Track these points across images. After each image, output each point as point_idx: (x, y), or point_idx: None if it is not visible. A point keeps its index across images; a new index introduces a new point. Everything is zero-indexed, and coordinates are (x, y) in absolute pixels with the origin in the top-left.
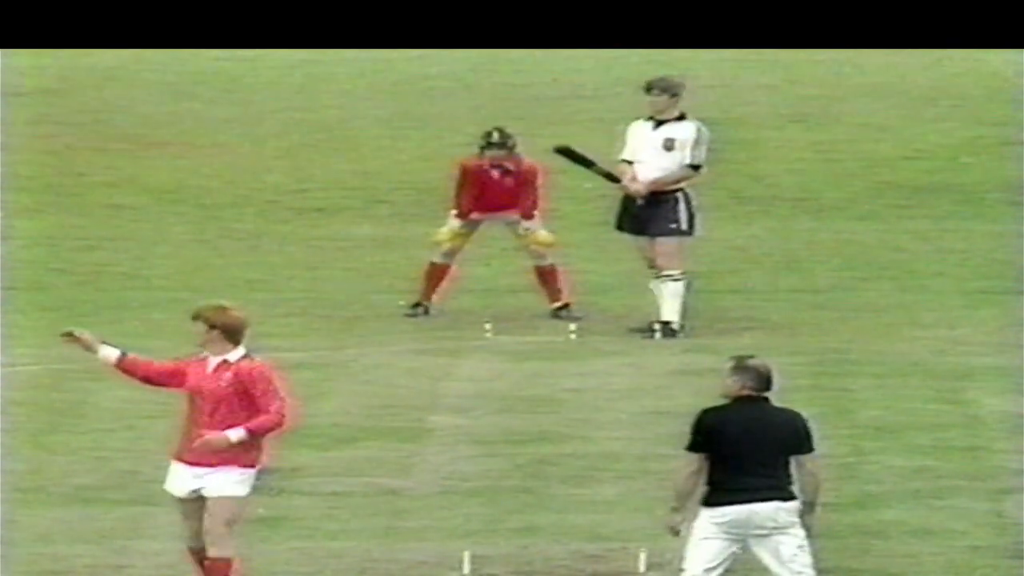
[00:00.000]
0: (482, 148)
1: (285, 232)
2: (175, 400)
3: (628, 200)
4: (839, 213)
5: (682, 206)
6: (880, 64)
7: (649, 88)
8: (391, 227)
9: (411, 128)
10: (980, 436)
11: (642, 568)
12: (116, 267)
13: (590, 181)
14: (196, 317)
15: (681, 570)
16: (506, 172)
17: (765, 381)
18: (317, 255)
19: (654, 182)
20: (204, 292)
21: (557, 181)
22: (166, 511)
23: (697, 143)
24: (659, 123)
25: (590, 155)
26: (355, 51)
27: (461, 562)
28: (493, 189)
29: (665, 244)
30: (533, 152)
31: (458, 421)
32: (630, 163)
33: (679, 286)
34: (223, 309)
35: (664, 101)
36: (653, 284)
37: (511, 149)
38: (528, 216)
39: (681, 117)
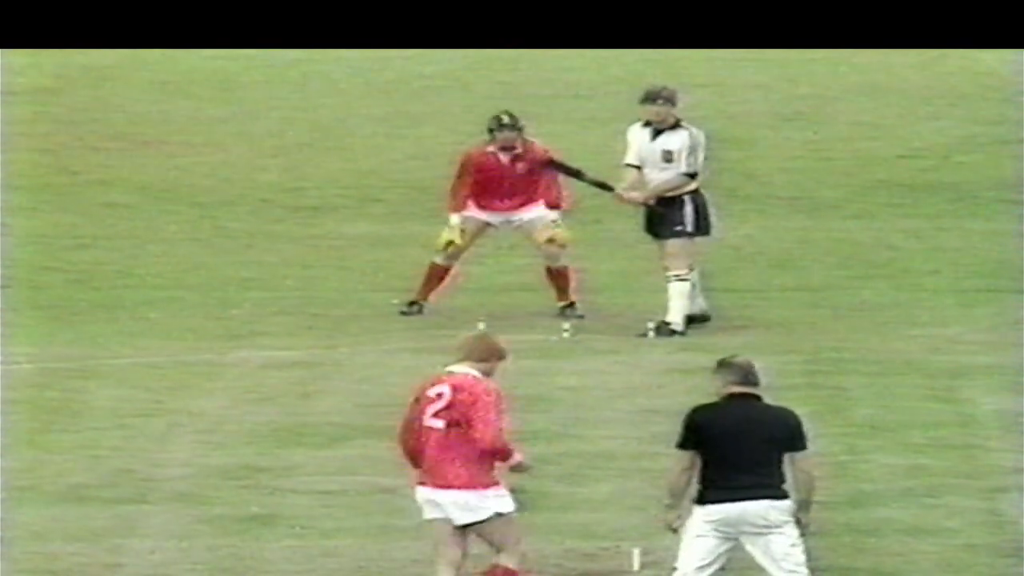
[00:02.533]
0: (492, 131)
1: (279, 231)
2: (168, 399)
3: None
4: (833, 212)
5: (688, 209)
6: (874, 63)
7: (653, 98)
8: (385, 226)
9: (405, 127)
10: (975, 434)
11: (636, 566)
12: (110, 265)
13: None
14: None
15: (674, 568)
16: (516, 156)
17: (747, 375)
18: (311, 254)
19: (653, 190)
20: (198, 290)
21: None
22: (160, 509)
23: (691, 151)
24: (657, 132)
25: (576, 165)
26: (350, 50)
27: None
28: (502, 176)
29: (670, 246)
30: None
31: None
32: (638, 167)
33: (684, 286)
34: None
35: (667, 111)
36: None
37: (520, 131)
38: (556, 206)
39: (676, 124)
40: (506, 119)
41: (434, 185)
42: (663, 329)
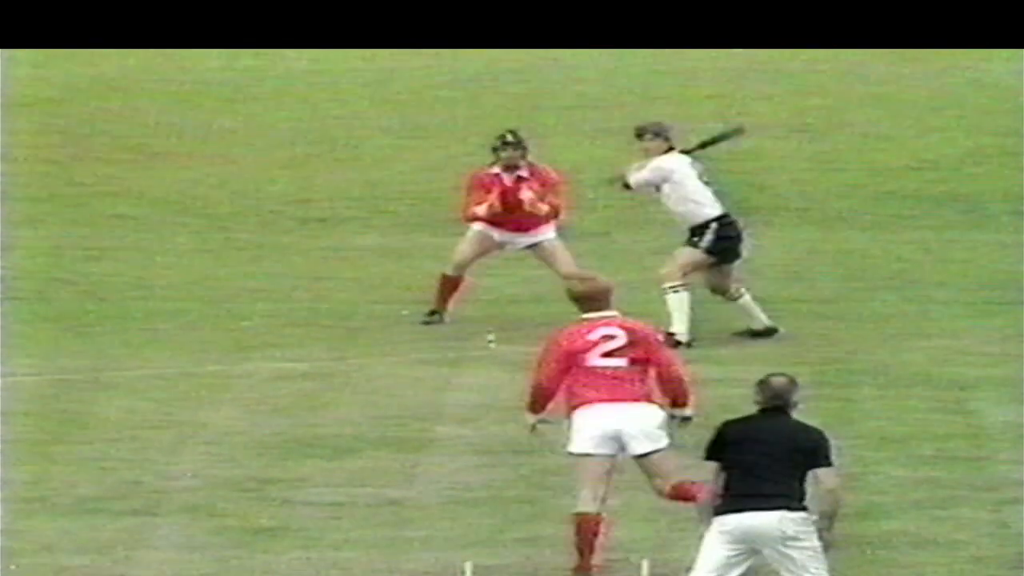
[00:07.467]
0: (495, 150)
1: (288, 242)
2: (177, 411)
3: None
4: (842, 223)
5: (710, 236)
6: (884, 74)
7: (641, 134)
8: (394, 237)
9: (415, 138)
10: (983, 447)
11: None
12: (119, 277)
13: (593, 191)
14: None
15: None
16: (520, 178)
17: (773, 393)
18: (320, 265)
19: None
20: (207, 302)
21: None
22: (169, 521)
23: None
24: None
25: (712, 136)
26: (359, 61)
27: (464, 572)
28: (508, 195)
29: (676, 253)
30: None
31: (461, 431)
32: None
33: (678, 297)
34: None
35: (658, 145)
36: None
37: (524, 151)
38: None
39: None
40: (510, 137)
41: (443, 196)
42: (668, 341)
